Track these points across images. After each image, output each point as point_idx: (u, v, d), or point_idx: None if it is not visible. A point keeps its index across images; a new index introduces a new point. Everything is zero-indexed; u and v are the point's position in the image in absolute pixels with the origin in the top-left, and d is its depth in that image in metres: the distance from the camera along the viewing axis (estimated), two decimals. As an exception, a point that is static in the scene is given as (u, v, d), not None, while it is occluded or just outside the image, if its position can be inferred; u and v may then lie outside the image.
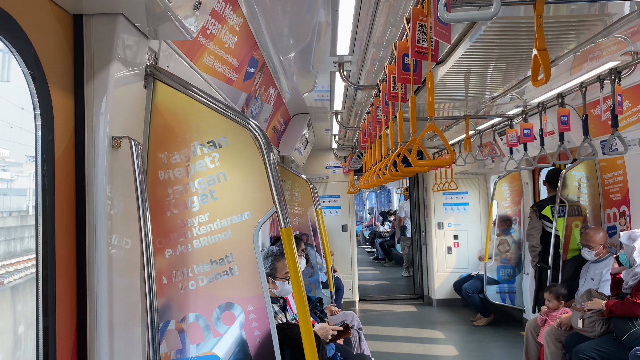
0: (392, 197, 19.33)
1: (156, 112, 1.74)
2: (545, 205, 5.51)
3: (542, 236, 5.51)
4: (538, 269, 5.59)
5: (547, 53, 2.06)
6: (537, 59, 2.07)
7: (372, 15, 2.78)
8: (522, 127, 4.70)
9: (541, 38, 2.08)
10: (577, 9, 2.76)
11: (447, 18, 1.35)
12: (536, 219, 5.52)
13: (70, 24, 1.44)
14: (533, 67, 2.12)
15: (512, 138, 4.95)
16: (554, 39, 3.14)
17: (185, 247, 1.74)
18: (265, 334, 1.72)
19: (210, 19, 2.18)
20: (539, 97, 4.65)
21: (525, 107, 5.02)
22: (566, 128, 4.00)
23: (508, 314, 7.50)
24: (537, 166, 4.86)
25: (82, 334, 1.45)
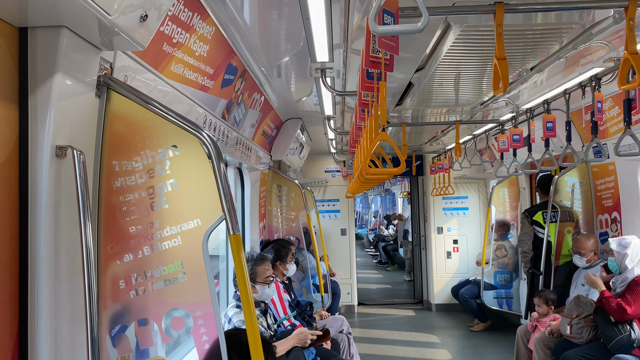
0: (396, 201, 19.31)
1: (110, 121, 1.78)
2: (536, 210, 5.49)
3: (534, 242, 5.49)
4: (530, 274, 5.57)
5: (506, 62, 2.07)
6: (496, 67, 2.09)
7: (345, 21, 2.81)
8: (511, 133, 4.68)
9: (501, 47, 2.08)
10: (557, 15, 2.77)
11: (378, 31, 1.36)
12: (528, 224, 5.50)
13: (15, 37, 1.48)
14: (494, 76, 2.13)
15: (502, 143, 4.93)
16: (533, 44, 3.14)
17: (137, 253, 1.78)
18: (214, 340, 1.75)
19: (175, 28, 2.21)
20: (530, 103, 4.64)
21: (517, 112, 5.01)
22: (551, 134, 3.98)
23: (505, 320, 7.47)
24: (525, 172, 4.84)
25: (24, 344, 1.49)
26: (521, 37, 3.03)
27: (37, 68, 1.49)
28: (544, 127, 4.03)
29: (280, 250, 4.79)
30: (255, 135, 4.70)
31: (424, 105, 4.82)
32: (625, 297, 3.76)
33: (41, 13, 1.45)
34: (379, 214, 19.69)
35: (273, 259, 4.52)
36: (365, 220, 22.23)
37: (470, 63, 3.47)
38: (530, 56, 3.42)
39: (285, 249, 4.83)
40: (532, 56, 3.42)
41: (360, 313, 8.77)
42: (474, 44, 3.06)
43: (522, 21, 2.80)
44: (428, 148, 8.44)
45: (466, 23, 2.64)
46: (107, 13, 1.42)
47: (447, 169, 7.32)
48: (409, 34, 1.37)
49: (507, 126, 5.18)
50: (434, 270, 8.77)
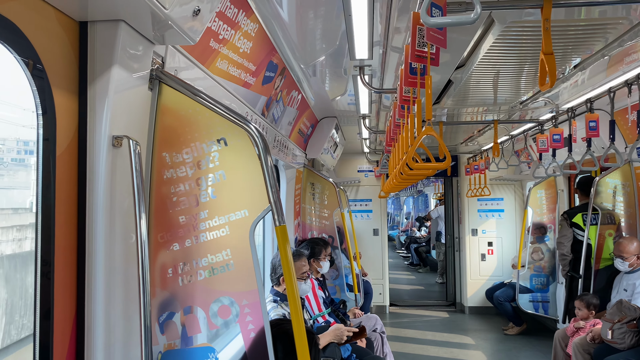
0: (429, 202, 19.13)
1: (161, 113, 1.83)
2: (576, 213, 5.37)
3: (573, 245, 5.36)
4: (569, 278, 5.45)
5: (553, 57, 2.05)
6: (543, 63, 2.06)
7: (387, 19, 2.81)
8: (551, 133, 4.60)
9: (548, 42, 2.06)
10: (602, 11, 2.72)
11: (430, 22, 1.37)
12: (567, 227, 5.38)
13: (76, 30, 1.54)
14: (540, 71, 2.11)
15: (542, 144, 4.84)
16: (575, 42, 3.08)
17: (187, 242, 1.82)
18: (259, 328, 1.78)
19: (222, 25, 2.26)
20: (571, 102, 4.54)
21: (557, 112, 4.91)
22: (594, 134, 3.89)
23: (541, 324, 7.32)
24: (564, 173, 4.73)
25: (81, 327, 1.55)
26: (563, 34, 2.98)
27: (96, 61, 1.55)
28: (587, 126, 3.95)
29: (315, 247, 4.82)
30: (291, 133, 4.74)
31: (462, 104, 4.78)
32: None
33: (100, 7, 1.51)
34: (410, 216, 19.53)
35: (308, 255, 4.55)
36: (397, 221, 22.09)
37: (510, 61, 3.42)
38: (572, 54, 3.35)
39: (319, 247, 4.85)
40: (575, 54, 3.36)
41: (392, 314, 8.73)
42: (515, 41, 3.03)
43: (565, 17, 2.75)
44: (463, 148, 8.34)
45: (510, 19, 2.61)
46: (162, 6, 1.47)
47: (483, 169, 7.23)
48: (461, 25, 1.37)
49: (547, 126, 5.08)
50: (468, 273, 8.66)
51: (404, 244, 17.08)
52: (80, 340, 1.56)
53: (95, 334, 1.55)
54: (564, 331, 4.97)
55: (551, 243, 6.78)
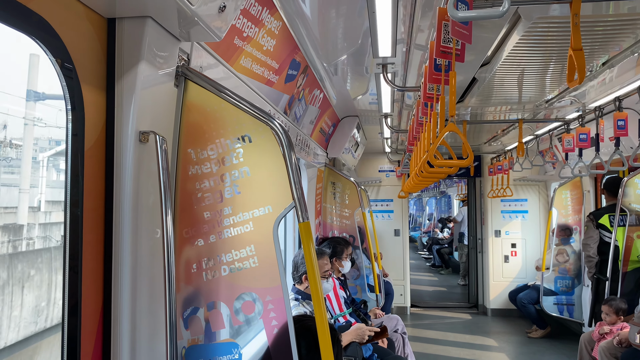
0: (452, 204, 18.94)
1: (187, 110, 1.84)
2: (602, 214, 5.26)
3: (599, 246, 5.26)
4: (595, 280, 5.34)
5: (582, 53, 2.00)
6: (572, 59, 2.02)
7: (410, 16, 2.79)
8: (578, 132, 4.51)
9: (577, 38, 2.02)
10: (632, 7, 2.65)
11: (457, 16, 1.35)
12: (593, 228, 5.28)
13: (104, 27, 1.56)
14: (569, 68, 2.07)
15: (568, 143, 4.75)
16: (603, 38, 3.02)
17: (211, 237, 1.83)
18: (283, 324, 1.78)
19: (246, 22, 2.27)
20: (598, 101, 4.45)
21: (584, 111, 4.82)
22: (623, 133, 3.81)
23: (566, 327, 7.19)
24: (591, 173, 4.64)
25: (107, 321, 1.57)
26: (590, 30, 2.92)
27: (124, 57, 1.57)
28: (615, 125, 3.86)
29: (337, 246, 4.81)
30: (313, 132, 4.74)
31: (486, 102, 4.72)
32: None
33: (128, 4, 1.52)
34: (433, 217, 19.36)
35: (329, 254, 4.54)
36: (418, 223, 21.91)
37: (536, 59, 3.37)
38: (600, 51, 3.28)
39: (341, 246, 4.84)
40: (602, 51, 3.29)
41: (413, 314, 8.67)
42: (541, 38, 2.98)
43: (592, 12, 2.69)
44: (486, 148, 8.24)
45: (537, 15, 2.57)
46: (190, 3, 1.48)
47: (506, 170, 7.13)
48: (490, 18, 1.35)
49: (573, 125, 4.99)
50: (491, 274, 8.55)
51: (426, 246, 16.96)
52: (106, 334, 1.58)
53: (121, 328, 1.57)
54: (590, 335, 4.87)
55: (576, 245, 6.66)
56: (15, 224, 12.78)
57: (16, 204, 14.20)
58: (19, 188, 14.32)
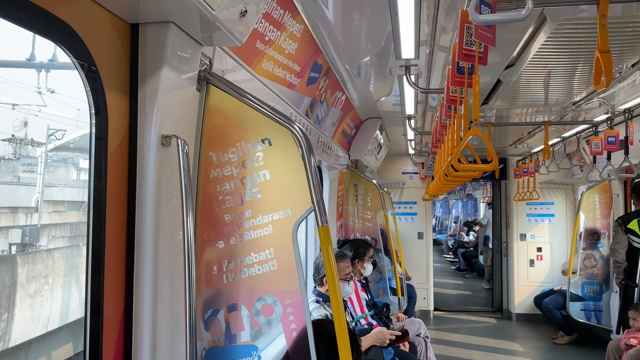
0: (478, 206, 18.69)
1: (208, 113, 1.86)
2: (631, 218, 5.13)
3: (628, 252, 5.14)
4: (623, 286, 5.21)
5: (610, 55, 1.96)
6: (599, 61, 1.98)
7: (433, 18, 2.77)
8: (606, 135, 4.41)
9: (604, 39, 1.98)
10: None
11: (479, 20, 1.34)
12: (621, 233, 5.15)
13: (128, 32, 1.59)
14: (595, 70, 2.02)
15: (596, 146, 4.65)
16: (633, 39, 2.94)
17: (231, 240, 1.85)
18: (302, 328, 1.78)
19: (268, 26, 2.28)
20: (628, 103, 4.35)
21: (613, 113, 4.71)
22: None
23: (594, 334, 7.03)
24: (620, 177, 4.53)
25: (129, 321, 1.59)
26: (619, 31, 2.85)
27: (147, 62, 1.59)
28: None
29: (358, 249, 4.79)
30: (335, 134, 4.74)
31: (512, 104, 4.65)
32: None
33: (151, 9, 1.55)
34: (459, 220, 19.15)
35: (351, 257, 4.53)
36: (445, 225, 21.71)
37: (563, 60, 3.30)
38: (629, 52, 3.21)
39: (363, 248, 4.83)
40: (632, 52, 3.21)
41: (436, 318, 8.59)
42: (567, 39, 2.92)
43: (621, 13, 2.63)
44: (512, 151, 8.12)
45: (564, 16, 2.52)
46: (211, 7, 1.50)
47: (532, 173, 7.02)
48: (512, 22, 1.33)
49: (601, 127, 4.88)
50: (515, 279, 8.42)
51: (451, 249, 16.79)
52: (128, 334, 1.60)
53: (142, 329, 1.59)
54: (618, 342, 4.76)
55: (605, 250, 6.51)
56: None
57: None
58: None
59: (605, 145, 4.38)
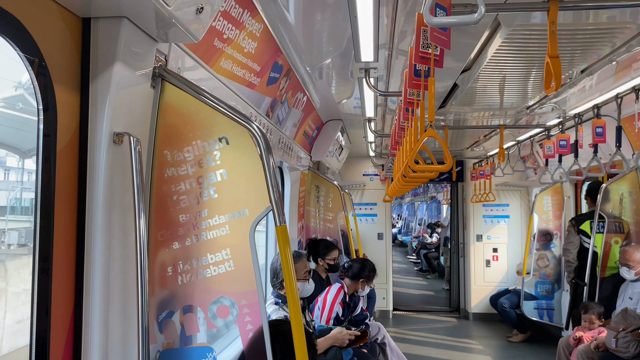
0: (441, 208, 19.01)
1: (163, 111, 1.83)
2: (584, 219, 5.32)
3: (579, 252, 5.32)
4: (573, 285, 5.41)
5: (559, 60, 2.04)
6: (549, 66, 2.05)
7: (392, 21, 2.81)
8: (558, 139, 4.57)
9: (554, 45, 2.05)
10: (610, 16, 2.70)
11: (432, 22, 1.36)
12: (574, 233, 5.34)
13: (79, 27, 1.54)
14: (545, 75, 2.09)
15: (548, 149, 4.81)
16: (583, 46, 3.06)
17: (187, 241, 1.82)
18: (258, 329, 1.77)
19: (226, 24, 2.26)
20: (578, 108, 4.51)
21: (564, 117, 4.88)
22: (601, 140, 3.86)
23: (546, 332, 7.26)
24: (570, 179, 4.70)
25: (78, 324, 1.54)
26: (570, 38, 2.96)
27: (98, 57, 1.55)
28: (593, 132, 3.92)
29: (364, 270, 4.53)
30: (296, 135, 4.74)
31: (468, 108, 4.76)
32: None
33: (103, 4, 1.51)
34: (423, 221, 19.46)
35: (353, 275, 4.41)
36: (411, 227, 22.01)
37: (517, 65, 3.41)
38: (579, 59, 3.33)
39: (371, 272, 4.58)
40: (582, 59, 3.33)
41: (396, 318, 8.70)
42: (521, 45, 3.01)
43: (572, 20, 2.73)
44: (469, 153, 8.31)
45: (517, 22, 2.60)
46: (166, 4, 1.47)
47: (488, 175, 7.19)
48: (464, 25, 1.36)
49: (554, 132, 5.05)
50: (472, 279, 8.61)
51: (415, 250, 17.06)
52: (77, 337, 1.55)
53: (92, 331, 1.55)
54: (568, 339, 4.92)
55: (557, 250, 6.74)
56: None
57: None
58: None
59: (557, 148, 4.54)
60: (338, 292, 4.16)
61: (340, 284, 4.26)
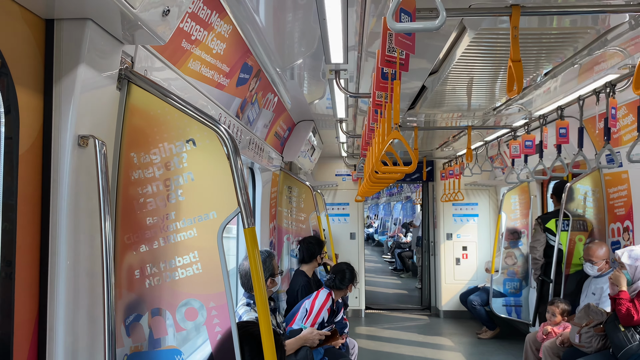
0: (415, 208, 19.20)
1: (130, 113, 1.82)
2: (550, 218, 5.46)
3: (545, 249, 5.46)
4: (540, 282, 5.54)
5: (520, 64, 2.09)
6: (511, 70, 2.11)
7: (361, 23, 2.84)
8: (524, 139, 4.68)
9: (516, 49, 2.10)
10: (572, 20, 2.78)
11: (395, 27, 1.39)
12: (540, 231, 5.48)
13: (42, 28, 1.52)
14: (508, 78, 2.15)
15: (514, 150, 4.93)
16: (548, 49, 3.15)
17: (154, 244, 1.81)
18: (226, 331, 1.77)
19: (194, 25, 2.25)
20: (543, 109, 4.64)
21: (530, 118, 5.00)
22: (564, 140, 3.98)
23: (514, 328, 7.42)
24: (535, 178, 4.82)
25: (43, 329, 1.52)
26: (536, 42, 3.04)
27: (62, 59, 1.53)
28: (557, 133, 4.03)
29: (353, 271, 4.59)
30: (267, 136, 4.74)
31: (436, 109, 4.84)
32: (634, 304, 3.74)
33: (67, 5, 1.49)
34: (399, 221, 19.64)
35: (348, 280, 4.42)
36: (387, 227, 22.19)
37: (484, 67, 3.48)
38: (544, 61, 3.42)
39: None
40: (547, 61, 3.43)
41: (368, 317, 8.77)
42: (487, 48, 3.08)
43: (537, 25, 2.81)
44: (439, 154, 8.44)
45: (481, 26, 2.66)
46: (131, 6, 1.46)
47: (457, 175, 7.31)
48: (426, 31, 1.39)
49: (520, 132, 5.17)
50: (443, 277, 8.74)
51: (390, 249, 17.22)
52: (42, 342, 1.53)
53: (57, 336, 1.53)
54: (535, 335, 5.05)
55: (524, 248, 6.89)
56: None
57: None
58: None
59: (523, 149, 4.65)
60: (327, 298, 4.20)
61: (329, 290, 4.28)
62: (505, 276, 6.93)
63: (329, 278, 4.37)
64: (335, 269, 4.46)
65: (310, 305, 4.11)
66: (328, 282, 4.32)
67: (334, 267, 4.59)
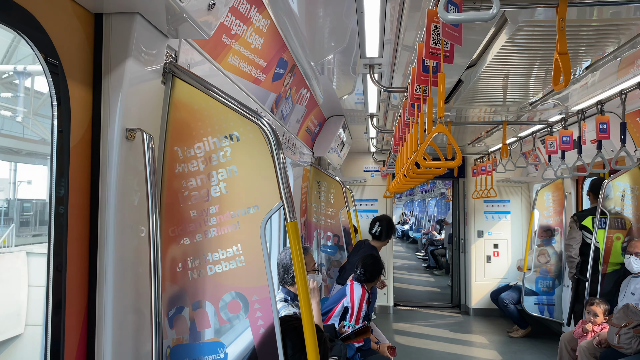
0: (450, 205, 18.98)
1: (174, 107, 1.83)
2: (586, 215, 5.34)
3: (581, 247, 5.34)
4: (575, 280, 5.42)
5: (567, 57, 2.03)
6: (557, 62, 2.05)
7: (398, 17, 2.80)
8: (561, 135, 4.57)
9: (563, 41, 2.04)
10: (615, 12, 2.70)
11: (447, 19, 1.36)
12: (576, 229, 5.35)
13: (91, 22, 1.54)
14: (554, 71, 2.09)
15: (551, 145, 4.81)
16: (588, 43, 3.06)
17: (197, 237, 1.82)
18: (269, 324, 1.78)
19: (234, 20, 2.26)
20: (580, 104, 4.52)
21: (567, 114, 4.89)
22: (605, 136, 3.87)
23: (546, 327, 7.29)
24: (573, 175, 4.70)
25: (92, 320, 1.55)
26: (575, 35, 2.96)
27: (111, 53, 1.55)
28: (597, 128, 3.92)
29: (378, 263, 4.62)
30: (299, 131, 4.74)
31: (471, 104, 4.76)
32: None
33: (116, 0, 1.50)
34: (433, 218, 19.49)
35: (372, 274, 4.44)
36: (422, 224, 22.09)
37: (521, 62, 3.41)
38: (584, 55, 3.33)
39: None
40: (587, 55, 3.34)
41: (396, 314, 8.72)
42: (526, 42, 3.01)
43: (577, 17, 2.73)
44: (470, 150, 8.32)
45: (522, 18, 2.60)
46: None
47: (489, 171, 7.20)
48: (480, 21, 1.36)
49: (556, 128, 5.06)
50: (473, 275, 8.63)
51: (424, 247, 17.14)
52: (91, 333, 1.56)
53: (105, 327, 1.55)
54: (571, 334, 4.94)
55: (558, 246, 6.76)
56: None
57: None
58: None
59: (560, 144, 4.54)
60: (363, 292, 4.24)
61: (360, 283, 4.30)
62: (538, 274, 6.81)
63: (359, 273, 4.37)
64: (364, 262, 4.46)
65: (350, 303, 4.14)
66: (359, 277, 4.32)
67: (362, 261, 4.57)
